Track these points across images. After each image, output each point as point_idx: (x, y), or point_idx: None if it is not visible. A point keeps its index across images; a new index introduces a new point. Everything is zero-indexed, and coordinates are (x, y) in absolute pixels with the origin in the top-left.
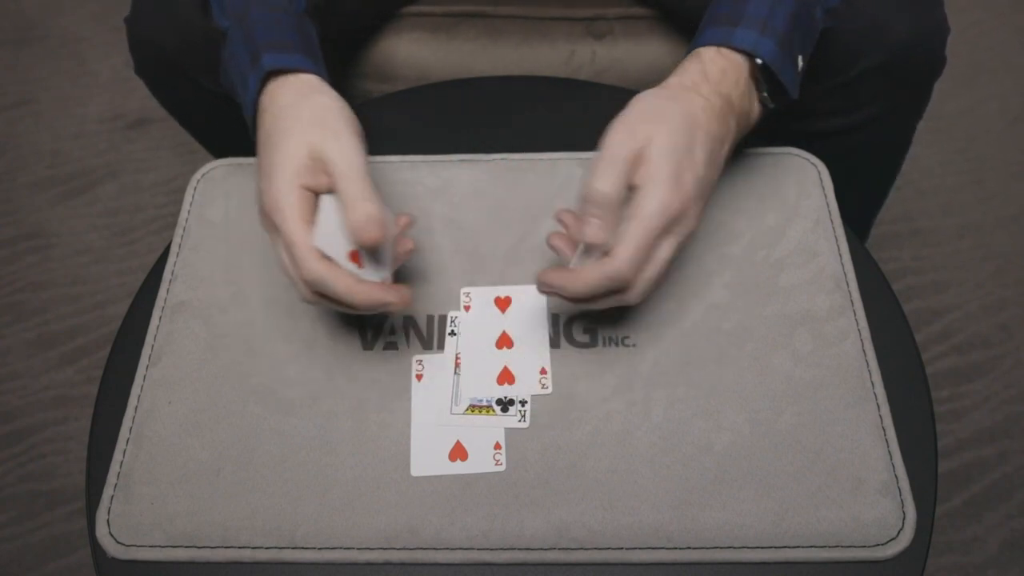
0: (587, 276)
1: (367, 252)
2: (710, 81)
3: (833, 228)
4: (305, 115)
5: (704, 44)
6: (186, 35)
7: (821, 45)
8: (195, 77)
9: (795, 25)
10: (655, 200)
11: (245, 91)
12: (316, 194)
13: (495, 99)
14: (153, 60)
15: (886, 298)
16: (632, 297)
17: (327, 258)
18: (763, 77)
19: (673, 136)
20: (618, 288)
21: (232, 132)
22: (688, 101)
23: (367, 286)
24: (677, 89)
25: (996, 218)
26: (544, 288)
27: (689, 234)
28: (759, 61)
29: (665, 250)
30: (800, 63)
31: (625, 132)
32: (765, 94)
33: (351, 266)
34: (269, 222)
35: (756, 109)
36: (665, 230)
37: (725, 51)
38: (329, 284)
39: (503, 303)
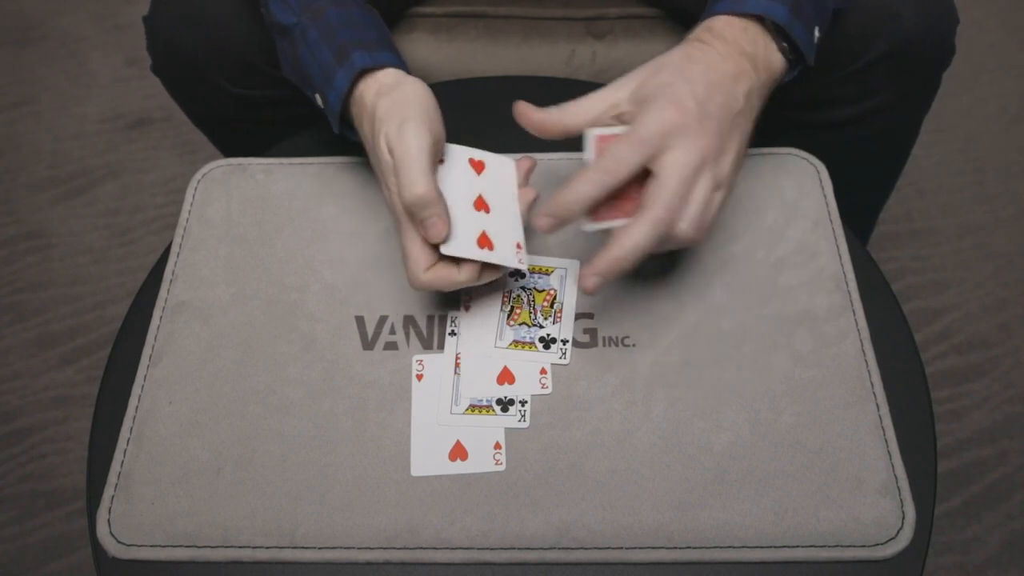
0: (577, 183)
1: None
2: (714, 33)
3: (833, 228)
4: (380, 114)
5: (714, 13)
6: (209, 36)
7: (832, 33)
8: (212, 77)
9: None
10: (650, 112)
11: (328, 87)
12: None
13: (495, 99)
14: (172, 60)
15: (886, 298)
16: (682, 230)
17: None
18: (778, 38)
19: (663, 70)
20: (611, 184)
21: (243, 131)
22: (681, 48)
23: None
24: (675, 48)
25: (996, 218)
26: (598, 281)
27: (704, 161)
28: (774, 23)
29: (701, 189)
30: (816, 34)
31: (622, 80)
32: (785, 44)
33: (479, 214)
34: (407, 214)
35: (778, 59)
36: (662, 141)
37: (734, 18)
38: (439, 289)
39: (478, 165)
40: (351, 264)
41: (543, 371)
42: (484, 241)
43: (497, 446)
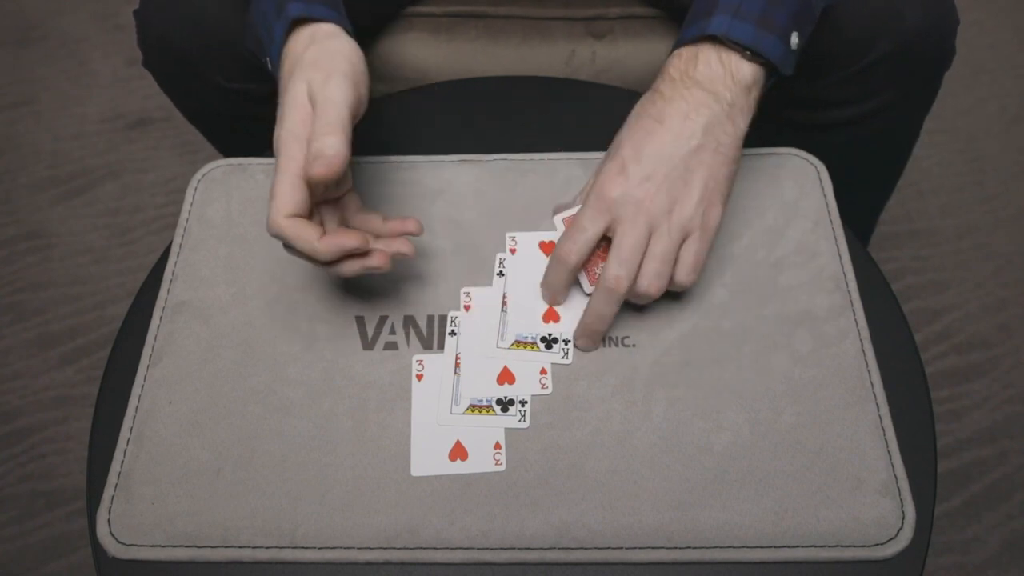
0: (591, 303)
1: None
2: (663, 76)
3: (833, 228)
4: (308, 59)
5: (678, 45)
6: (199, 29)
7: (833, 34)
8: (205, 72)
9: (778, 4)
10: (590, 193)
11: (271, 43)
12: None
13: (495, 99)
14: (163, 54)
15: (886, 298)
16: (644, 287)
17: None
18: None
19: (611, 147)
20: (619, 287)
21: (240, 129)
22: (635, 109)
23: (329, 239)
24: (634, 112)
25: (996, 218)
26: (585, 342)
27: (672, 219)
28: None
29: (657, 246)
30: (795, 40)
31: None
32: (748, 52)
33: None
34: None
35: (746, 69)
36: (601, 215)
37: (685, 48)
38: (292, 241)
39: (547, 247)
40: None
41: (543, 371)
42: (550, 316)
43: (497, 446)
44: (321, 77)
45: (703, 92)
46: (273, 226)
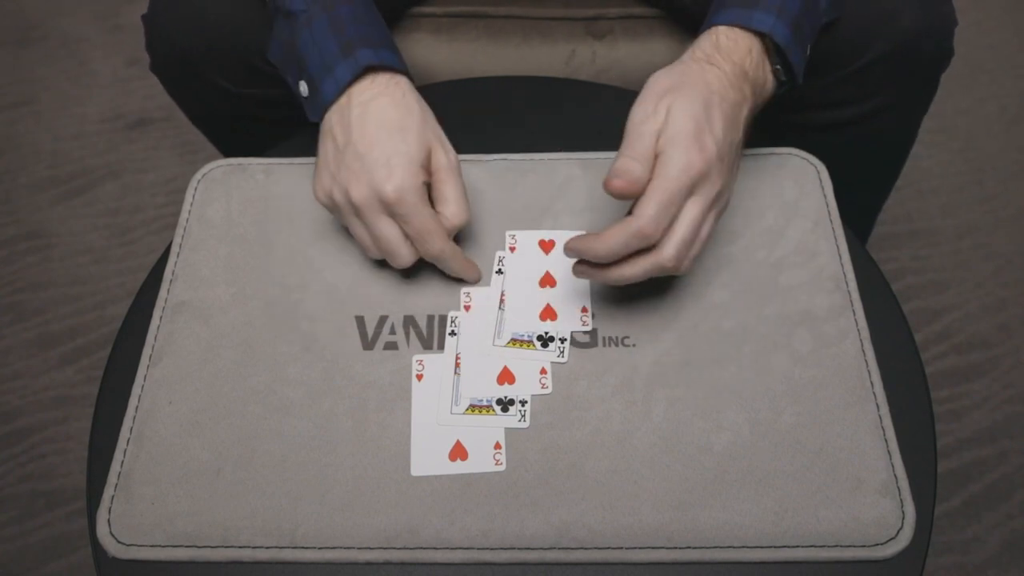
0: (611, 235)
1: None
2: (722, 52)
3: (833, 228)
4: (418, 117)
5: (720, 23)
6: (207, 34)
7: (831, 35)
8: (212, 76)
9: (805, 11)
10: (676, 160)
11: (326, 77)
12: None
13: (495, 99)
14: (170, 59)
15: (886, 298)
16: (667, 258)
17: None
18: (775, 57)
19: (691, 104)
20: (644, 245)
21: (241, 129)
22: (701, 71)
23: (470, 266)
24: (690, 63)
25: (996, 218)
26: (571, 252)
27: (717, 198)
28: (774, 42)
29: (693, 210)
30: (807, 51)
31: (646, 109)
32: (778, 67)
33: (543, 290)
34: (383, 208)
35: (770, 80)
36: (689, 190)
37: (739, 31)
38: (451, 261)
39: (547, 245)
40: (351, 264)
41: (543, 371)
42: (547, 314)
43: (497, 446)
44: (435, 139)
45: (750, 88)
46: (440, 253)
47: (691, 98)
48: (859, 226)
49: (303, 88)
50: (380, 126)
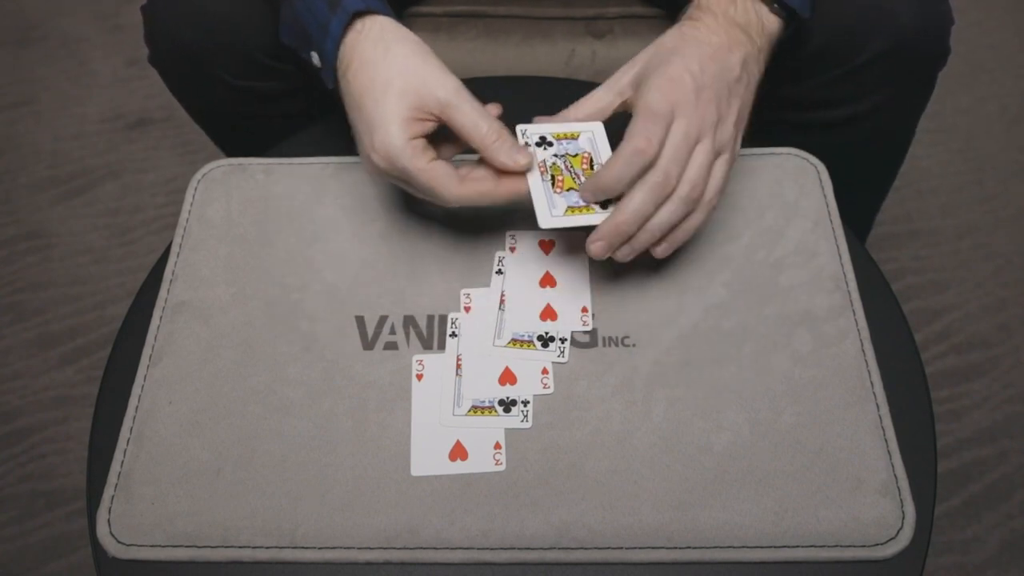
0: (611, 163)
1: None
2: (702, 8)
3: (833, 228)
4: (395, 65)
5: None
6: (206, 25)
7: (827, 32)
8: (211, 68)
9: None
10: (650, 86)
11: (325, 38)
12: (425, 138)
13: (495, 99)
14: (169, 51)
15: (886, 298)
16: (684, 193)
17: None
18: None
19: (663, 51)
20: (644, 163)
21: (242, 128)
22: (679, 30)
23: (507, 182)
24: (672, 28)
25: (996, 218)
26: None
27: (713, 134)
28: None
29: (700, 154)
30: None
31: (623, 68)
32: (776, 4)
33: (543, 290)
34: (387, 172)
35: (772, 20)
36: (670, 112)
37: None
38: (477, 202)
39: (547, 246)
40: (351, 264)
41: (544, 371)
42: (547, 314)
43: (497, 446)
44: (421, 83)
45: (742, 33)
46: (457, 201)
47: (664, 47)
48: (858, 226)
49: (315, 59)
50: (360, 91)
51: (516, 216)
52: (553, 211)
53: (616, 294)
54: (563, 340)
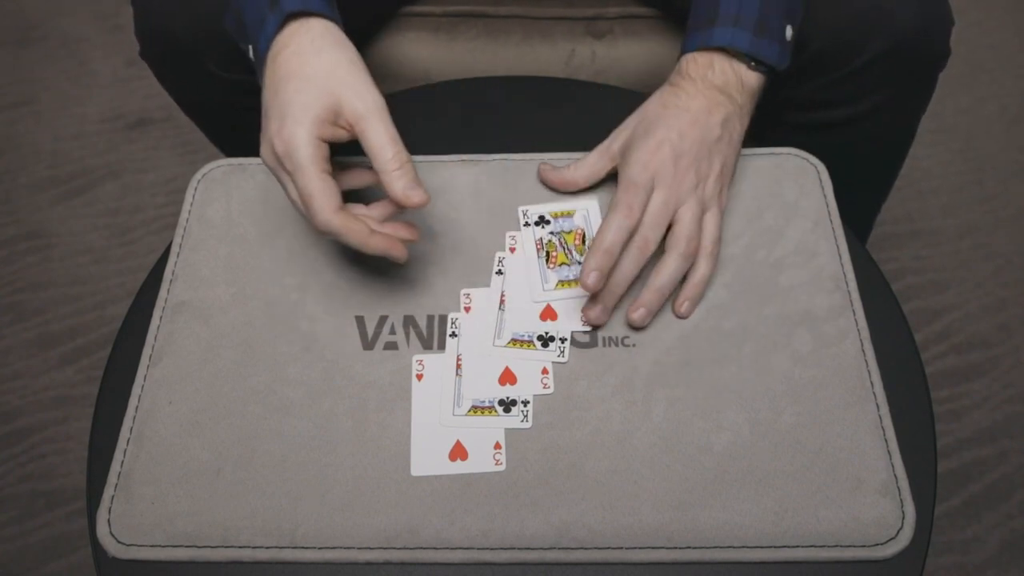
0: (603, 233)
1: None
2: (683, 76)
3: (833, 228)
4: (325, 65)
5: (686, 51)
6: (195, 18)
7: (826, 34)
8: (201, 61)
9: (766, 8)
10: (632, 164)
11: (260, 31)
12: (330, 144)
13: (495, 99)
14: (160, 44)
15: (886, 298)
16: (679, 255)
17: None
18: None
19: (644, 121)
20: (632, 230)
21: (238, 121)
22: (660, 97)
23: (379, 238)
24: (654, 96)
25: (996, 218)
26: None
27: (700, 193)
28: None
29: (686, 214)
30: (789, 32)
31: (613, 135)
32: (753, 63)
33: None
34: (278, 162)
35: (752, 77)
36: (649, 182)
37: (700, 54)
38: (343, 236)
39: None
40: (351, 264)
41: (544, 371)
42: (547, 314)
43: (497, 446)
44: (347, 87)
45: (720, 94)
46: (324, 224)
47: (648, 115)
48: (859, 226)
49: (251, 52)
50: (284, 76)
51: (516, 216)
52: (545, 285)
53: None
54: (563, 340)
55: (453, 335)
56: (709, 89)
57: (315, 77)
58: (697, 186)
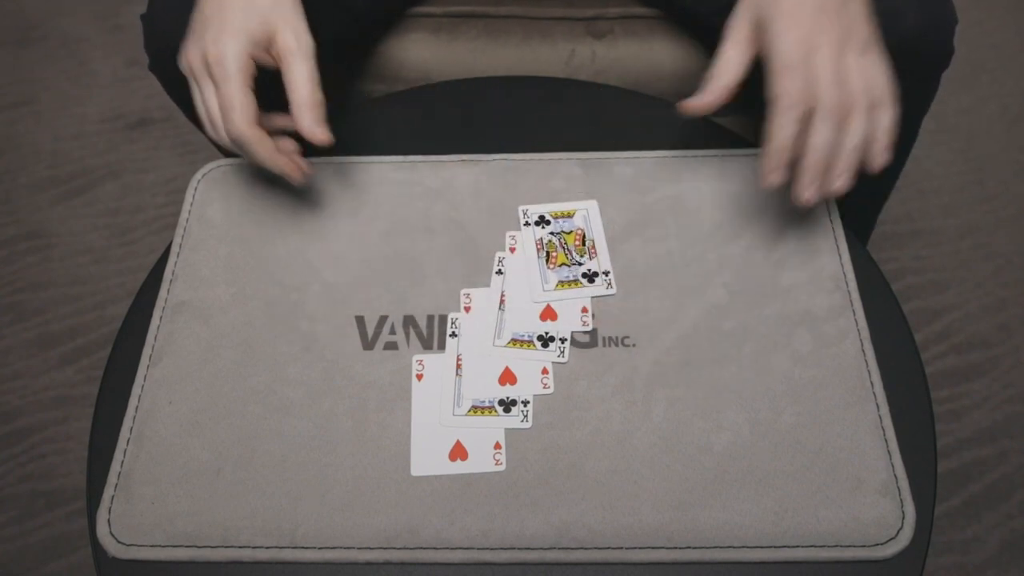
0: (779, 129)
1: None
2: None
3: (833, 228)
4: None
5: None
6: None
7: None
8: None
9: None
10: (779, 39)
11: None
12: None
13: (495, 99)
14: (170, 59)
15: (886, 298)
16: (863, 108)
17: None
18: None
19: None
20: (810, 112)
21: None
22: None
23: (283, 158)
24: None
25: (996, 218)
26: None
27: (853, 39)
28: None
29: (852, 62)
30: None
31: (735, 20)
32: None
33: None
34: (206, 69)
35: None
36: (820, 56)
37: None
38: (252, 147)
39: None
40: (351, 264)
41: (544, 371)
42: (547, 314)
43: (497, 446)
44: (281, 19)
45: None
46: (239, 134)
47: None
48: (859, 226)
49: None
50: None
51: (516, 216)
52: (545, 285)
53: (616, 294)
54: (563, 340)
55: (453, 335)
56: None
57: (260, 5)
58: (849, 30)
